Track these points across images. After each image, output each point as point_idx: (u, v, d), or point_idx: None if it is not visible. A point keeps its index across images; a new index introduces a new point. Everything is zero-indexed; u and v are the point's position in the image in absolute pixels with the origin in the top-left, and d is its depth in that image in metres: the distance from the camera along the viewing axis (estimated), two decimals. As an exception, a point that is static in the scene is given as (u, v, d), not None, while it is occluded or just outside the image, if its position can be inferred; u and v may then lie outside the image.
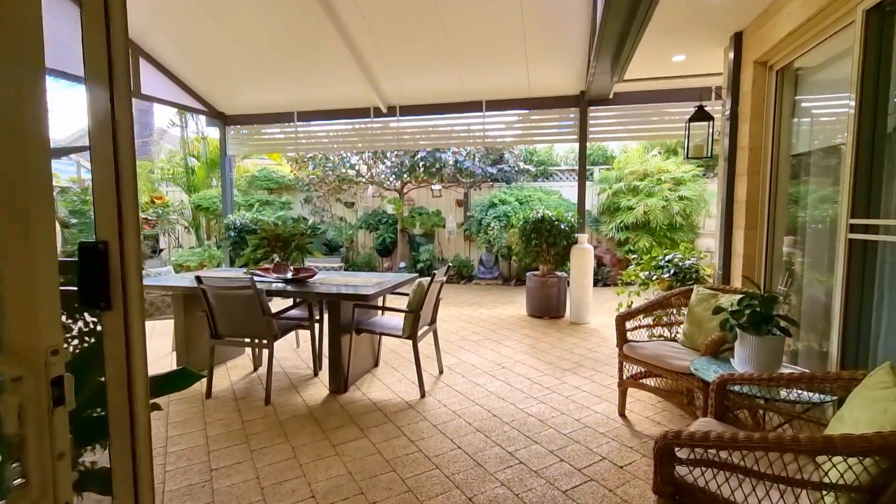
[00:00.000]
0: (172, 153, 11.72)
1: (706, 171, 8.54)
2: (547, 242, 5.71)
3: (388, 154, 8.51)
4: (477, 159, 8.43)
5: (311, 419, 3.04)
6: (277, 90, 6.51)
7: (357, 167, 9.02)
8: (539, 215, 5.72)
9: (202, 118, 10.09)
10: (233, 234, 7.13)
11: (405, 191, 9.14)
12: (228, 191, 7.41)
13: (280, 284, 3.62)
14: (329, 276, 4.04)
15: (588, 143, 5.98)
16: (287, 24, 5.17)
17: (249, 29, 5.35)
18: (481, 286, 8.49)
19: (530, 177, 9.30)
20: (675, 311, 3.34)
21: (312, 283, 3.65)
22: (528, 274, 6.09)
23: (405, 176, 8.70)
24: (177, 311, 3.81)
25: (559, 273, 6.06)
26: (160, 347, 4.66)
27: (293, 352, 4.55)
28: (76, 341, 1.84)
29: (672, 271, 3.81)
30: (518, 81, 5.69)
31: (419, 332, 3.46)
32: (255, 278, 3.70)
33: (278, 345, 4.60)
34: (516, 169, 8.82)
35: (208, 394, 3.42)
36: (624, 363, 3.05)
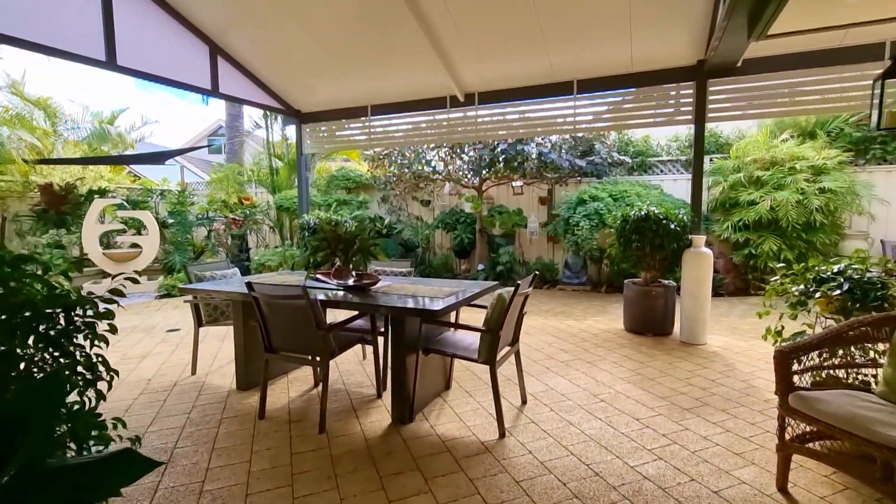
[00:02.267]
0: (258, 154, 12.18)
1: (856, 158, 6.93)
2: (652, 245, 4.77)
3: (466, 148, 7.94)
4: (564, 151, 7.57)
5: (368, 458, 2.54)
6: (352, 84, 6.22)
7: (433, 164, 8.57)
8: (642, 213, 4.81)
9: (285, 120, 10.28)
10: (307, 234, 7.00)
11: (484, 188, 8.52)
12: (304, 190, 7.31)
13: (340, 292, 3.19)
14: (396, 283, 3.54)
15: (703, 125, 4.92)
16: (362, 11, 4.80)
17: (324, 21, 5.07)
18: (567, 292, 7.63)
19: (625, 170, 8.23)
20: (853, 346, 2.38)
21: (375, 293, 3.16)
22: (626, 282, 5.18)
23: (484, 172, 8.08)
24: (236, 319, 3.53)
25: (665, 281, 5.09)
26: (229, 353, 4.49)
27: (359, 364, 4.14)
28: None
29: (845, 286, 2.79)
30: (618, 55, 4.82)
31: (498, 356, 2.82)
32: (316, 284, 3.31)
33: (343, 356, 4.22)
34: (609, 161, 7.82)
35: (261, 414, 3.06)
36: (787, 419, 2.17)
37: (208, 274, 4.05)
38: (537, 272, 3.17)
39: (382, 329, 3.52)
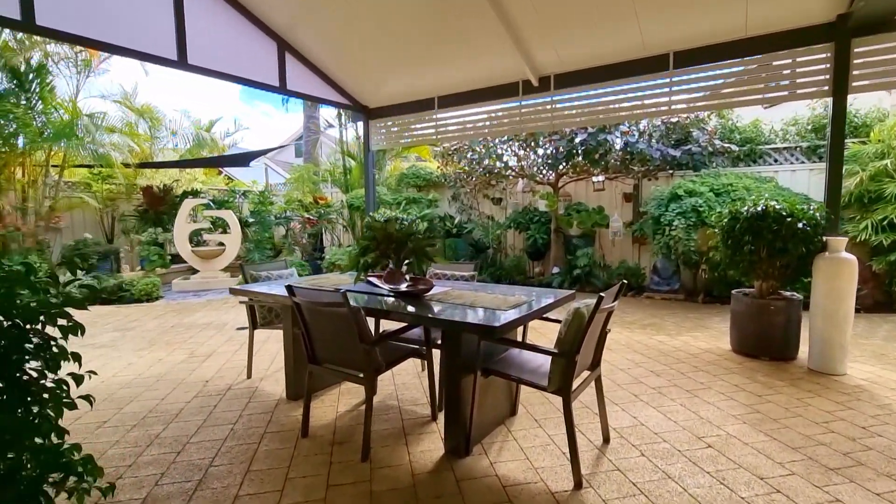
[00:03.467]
0: (333, 153, 12.40)
1: None
2: (770, 248, 3.89)
3: (541, 141, 7.32)
4: (654, 140, 6.68)
5: (413, 500, 2.12)
6: (418, 75, 5.90)
7: (505, 158, 8.04)
8: (758, 209, 3.94)
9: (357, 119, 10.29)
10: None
11: (560, 184, 7.84)
12: (371, 188, 7.14)
13: (390, 298, 2.82)
14: (455, 289, 3.10)
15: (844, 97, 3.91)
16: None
17: (390, 11, 4.81)
18: (655, 301, 6.74)
19: (729, 160, 7.11)
20: None
21: (429, 301, 2.75)
22: (734, 293, 4.32)
23: (560, 166, 7.41)
24: (285, 324, 3.31)
25: (787, 293, 4.17)
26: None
27: (416, 377, 3.76)
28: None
29: None
30: (729, 17, 4.00)
31: (574, 385, 2.28)
32: (364, 288, 2.98)
33: (401, 366, 3.89)
34: (710, 150, 6.78)
35: (304, 431, 2.78)
36: None
37: (264, 274, 3.90)
38: (625, 281, 2.57)
39: (440, 341, 3.11)
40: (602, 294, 2.16)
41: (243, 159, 11.53)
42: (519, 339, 3.09)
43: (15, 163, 8.06)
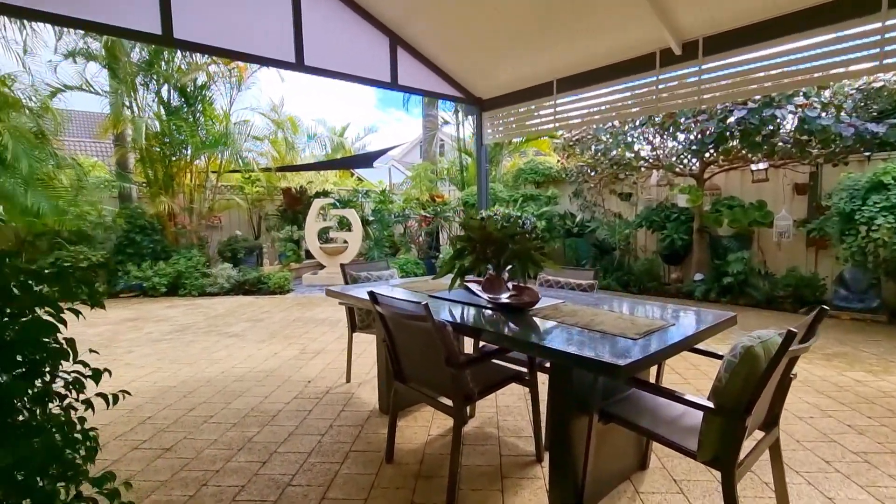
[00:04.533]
0: (451, 149, 12.33)
1: None
2: None
3: (682, 123, 6.17)
4: (845, 112, 5.15)
5: (502, 578, 1.65)
6: (534, 57, 5.33)
7: (637, 147, 7.01)
8: None
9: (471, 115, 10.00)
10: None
11: (706, 175, 6.58)
12: (484, 183, 6.75)
13: (488, 310, 2.38)
14: (567, 304, 2.53)
15: None
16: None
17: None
18: (841, 322, 5.22)
19: (966, 135, 5.21)
20: None
21: (533, 316, 2.23)
22: None
23: (707, 153, 6.18)
24: (378, 331, 3.07)
25: None
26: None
27: (522, 398, 3.27)
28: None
29: None
30: None
31: (742, 454, 1.58)
32: (464, 297, 2.58)
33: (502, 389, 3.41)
34: (935, 122, 5.02)
35: (388, 456, 2.47)
36: None
37: (363, 275, 3.73)
38: (825, 307, 1.74)
39: (548, 364, 2.57)
40: (792, 329, 1.44)
41: (365, 160, 12.07)
42: (652, 374, 2.41)
43: (185, 169, 9.39)
